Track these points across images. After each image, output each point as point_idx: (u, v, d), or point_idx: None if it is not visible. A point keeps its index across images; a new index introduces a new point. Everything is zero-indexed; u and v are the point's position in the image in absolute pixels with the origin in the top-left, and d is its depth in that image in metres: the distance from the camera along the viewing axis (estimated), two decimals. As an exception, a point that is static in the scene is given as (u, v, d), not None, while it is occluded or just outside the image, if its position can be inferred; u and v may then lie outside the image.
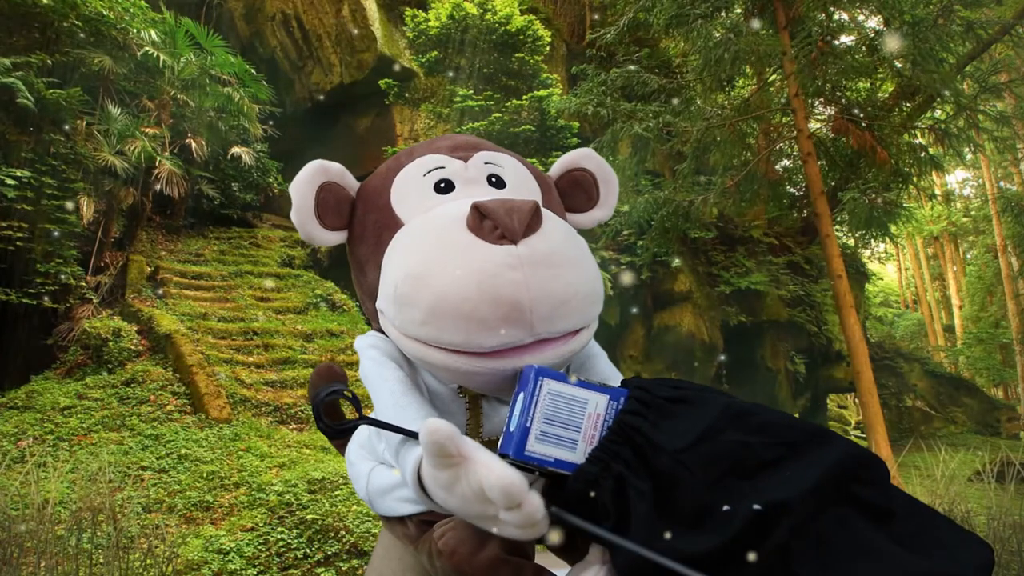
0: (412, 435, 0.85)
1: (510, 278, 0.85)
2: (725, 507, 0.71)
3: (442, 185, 1.03)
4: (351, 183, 1.09)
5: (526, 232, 0.87)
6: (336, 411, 1.29)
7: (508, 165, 1.09)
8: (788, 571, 0.68)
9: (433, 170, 1.04)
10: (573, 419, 0.83)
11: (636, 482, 0.76)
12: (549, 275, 0.87)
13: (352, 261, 1.11)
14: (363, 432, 1.14)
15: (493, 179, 1.06)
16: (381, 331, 1.05)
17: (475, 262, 0.85)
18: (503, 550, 0.83)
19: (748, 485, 0.73)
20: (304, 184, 1.02)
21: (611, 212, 1.21)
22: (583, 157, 1.18)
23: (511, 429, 0.84)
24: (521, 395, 0.85)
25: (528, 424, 0.83)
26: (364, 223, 1.05)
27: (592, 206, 1.19)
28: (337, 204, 1.05)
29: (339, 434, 0.91)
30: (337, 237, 1.06)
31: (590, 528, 0.76)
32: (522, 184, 1.08)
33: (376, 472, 1.06)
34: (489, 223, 0.87)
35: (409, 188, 1.04)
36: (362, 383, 1.03)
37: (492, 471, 0.74)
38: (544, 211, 0.92)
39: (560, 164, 1.20)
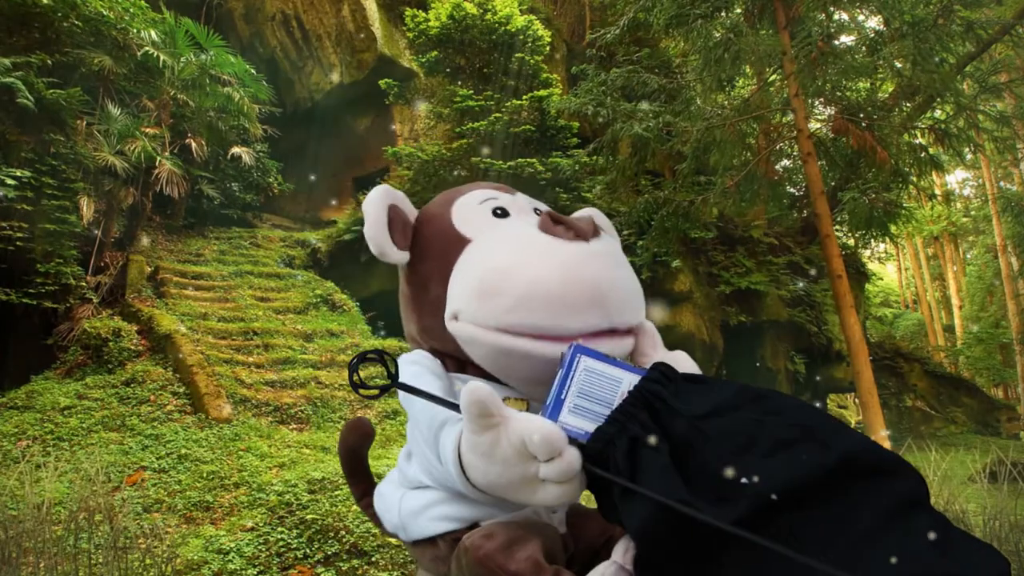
0: (451, 405, 0.90)
1: (592, 266, 0.97)
2: (743, 479, 0.71)
3: (498, 211, 1.14)
4: (411, 208, 1.18)
5: (593, 235, 1.01)
6: (361, 462, 1.39)
7: (544, 206, 1.25)
8: (792, 554, 0.67)
9: (487, 200, 1.16)
10: (607, 396, 0.87)
11: (652, 442, 0.78)
12: (616, 267, 1.01)
13: (410, 281, 1.18)
14: (393, 472, 1.21)
15: (537, 211, 1.18)
16: (422, 349, 1.16)
17: (559, 253, 0.96)
18: (539, 552, 0.88)
19: (763, 462, 0.73)
20: (377, 202, 1.10)
21: None
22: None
23: (548, 402, 0.89)
24: (560, 371, 0.89)
25: (563, 397, 0.87)
26: (428, 243, 1.14)
27: None
28: (403, 225, 1.14)
29: (375, 397, 0.96)
30: (404, 256, 1.13)
31: (616, 479, 0.78)
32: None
33: (407, 497, 1.12)
34: (562, 226, 1.00)
35: (470, 213, 1.14)
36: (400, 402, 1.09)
37: (531, 423, 0.80)
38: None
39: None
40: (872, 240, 11.12)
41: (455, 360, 1.11)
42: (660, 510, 0.71)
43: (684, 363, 1.05)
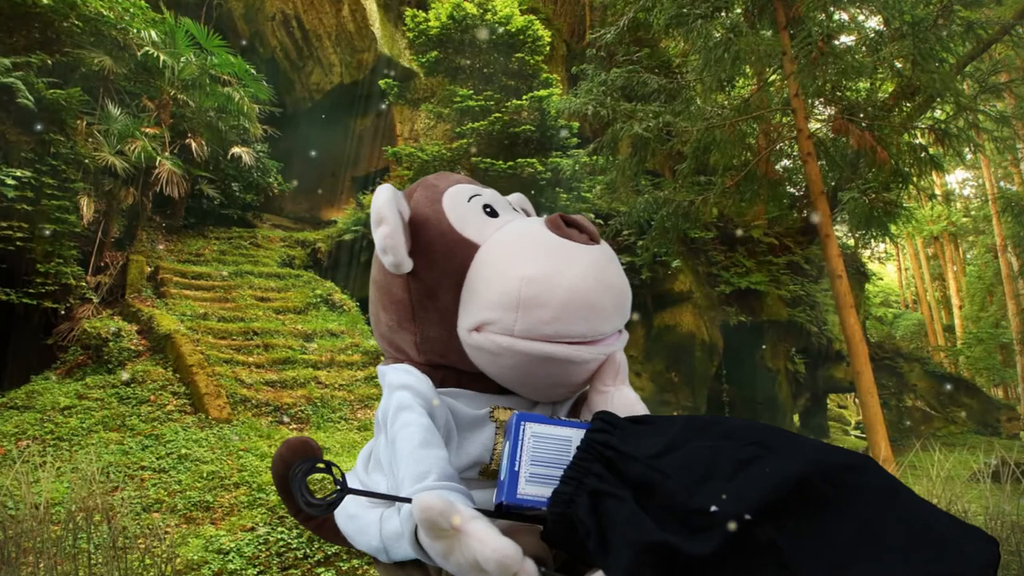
0: (406, 500, 0.84)
1: (612, 271, 1.00)
2: (712, 507, 0.70)
3: (488, 209, 1.10)
4: (407, 208, 1.08)
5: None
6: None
7: (506, 198, 1.22)
8: (784, 568, 0.67)
9: (473, 196, 1.11)
10: (561, 457, 0.86)
11: (613, 491, 0.76)
12: (622, 270, 1.04)
13: (413, 290, 1.08)
14: (357, 486, 1.09)
15: (511, 206, 1.17)
16: (412, 362, 1.08)
17: (585, 259, 0.97)
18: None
19: (728, 485, 0.72)
20: (390, 206, 1.01)
21: None
22: (524, 201, 1.28)
23: (502, 478, 0.87)
24: (507, 443, 0.87)
25: (517, 469, 0.85)
26: (430, 248, 1.06)
27: None
28: (406, 229, 1.05)
29: (324, 510, 0.87)
30: (411, 263, 1.04)
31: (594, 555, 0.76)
32: (519, 211, 1.21)
33: (387, 516, 1.02)
34: (575, 229, 1.00)
35: (463, 212, 1.08)
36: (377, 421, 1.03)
37: (486, 545, 0.75)
38: None
39: (514, 200, 1.29)
40: (872, 240, 11.11)
41: (453, 372, 1.07)
42: (641, 555, 0.70)
43: (633, 402, 1.03)
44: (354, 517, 1.10)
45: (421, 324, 1.09)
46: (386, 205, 1.00)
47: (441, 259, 1.05)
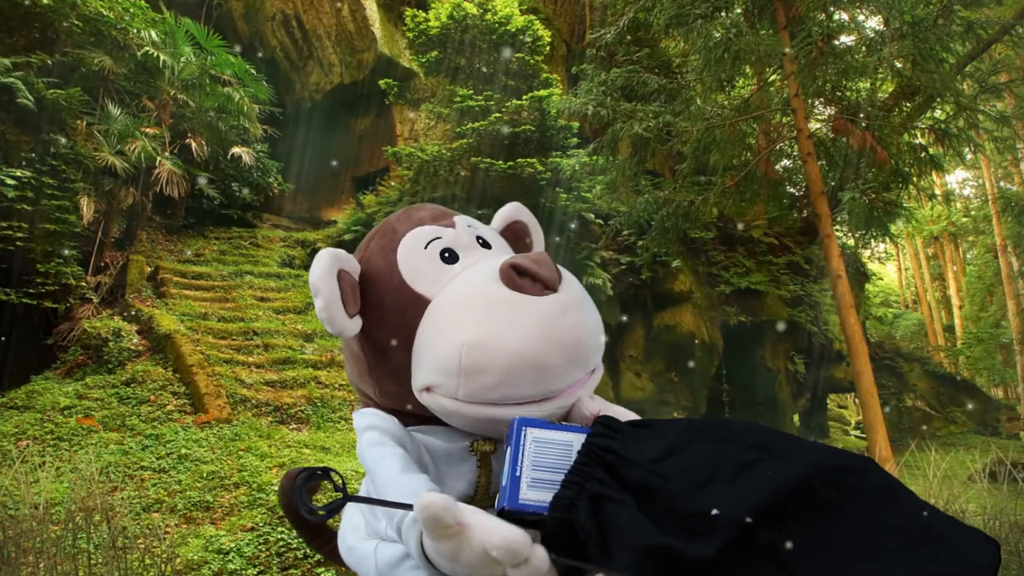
0: (407, 507, 0.85)
1: (567, 323, 0.93)
2: (713, 511, 0.70)
3: (446, 255, 1.06)
4: (355, 266, 1.06)
5: (559, 280, 0.95)
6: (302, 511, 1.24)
7: (481, 226, 1.16)
8: (785, 570, 0.67)
9: (431, 241, 1.07)
10: (562, 462, 0.86)
11: (614, 495, 0.76)
12: (588, 313, 0.98)
13: (366, 348, 1.08)
14: (355, 517, 1.10)
15: (480, 241, 1.11)
16: (378, 406, 1.08)
17: (533, 315, 0.91)
18: None
19: (729, 488, 0.72)
20: (327, 275, 0.99)
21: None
22: (517, 211, 1.26)
23: (504, 484, 0.87)
24: (509, 449, 0.87)
25: (518, 474, 0.85)
26: (380, 306, 1.04)
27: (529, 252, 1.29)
28: (352, 290, 1.03)
29: (326, 516, 0.87)
30: (356, 325, 1.03)
31: (589, 567, 0.76)
32: (498, 242, 1.15)
33: (381, 548, 1.03)
34: (527, 279, 0.93)
35: (417, 263, 1.04)
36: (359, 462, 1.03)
37: (493, 532, 0.75)
38: None
39: (501, 217, 1.26)
40: (872, 240, 11.12)
41: (417, 417, 1.05)
42: (642, 559, 0.70)
43: (623, 415, 1.02)
44: (352, 549, 1.10)
45: (377, 379, 1.09)
46: (320, 277, 0.98)
47: (391, 317, 1.03)
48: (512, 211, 1.26)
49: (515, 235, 1.26)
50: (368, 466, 0.98)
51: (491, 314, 0.92)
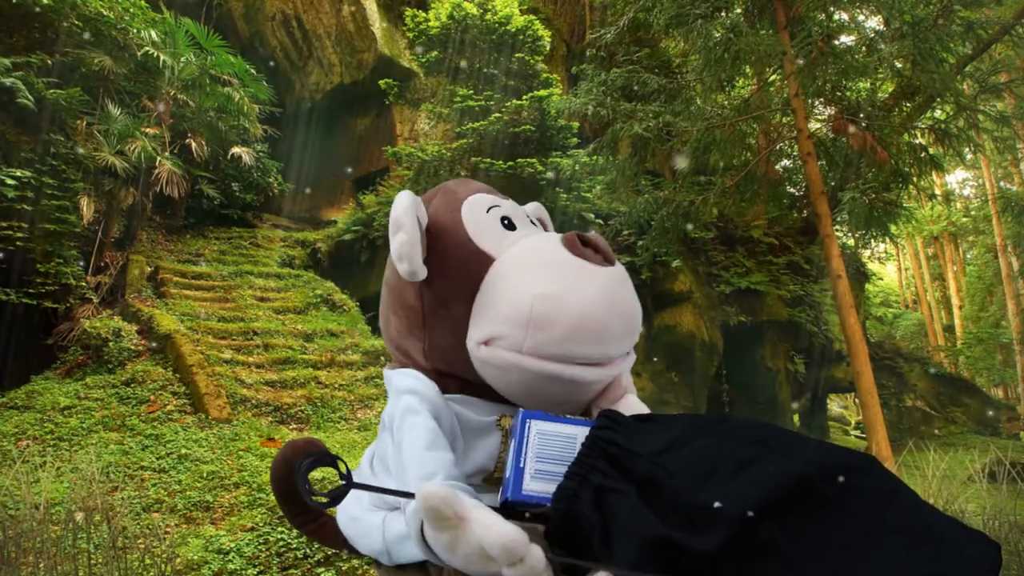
0: (409, 496, 0.85)
1: (624, 294, 1.00)
2: (716, 504, 0.70)
3: (506, 222, 1.10)
4: (424, 215, 1.07)
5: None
6: (297, 497, 1.22)
7: (524, 209, 1.22)
8: (785, 565, 0.67)
9: (492, 207, 1.11)
10: (566, 455, 0.86)
11: (617, 487, 0.76)
12: (634, 295, 1.04)
13: (423, 296, 1.07)
14: (368, 479, 1.11)
15: (529, 219, 1.17)
16: (419, 367, 1.08)
17: (597, 281, 0.97)
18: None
19: (731, 483, 0.72)
20: (410, 211, 1.00)
21: None
22: (539, 210, 1.30)
23: (507, 475, 0.87)
24: (513, 440, 0.88)
25: (522, 465, 0.86)
26: (445, 257, 1.05)
27: None
28: (423, 236, 1.05)
29: (330, 503, 0.86)
30: (424, 270, 1.04)
31: (589, 563, 0.76)
32: (537, 224, 1.21)
33: (391, 519, 1.03)
34: (590, 249, 1.00)
35: (481, 223, 1.08)
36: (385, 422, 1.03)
37: (490, 529, 0.76)
38: None
39: (531, 210, 1.30)
40: (872, 240, 11.11)
41: (459, 381, 1.06)
42: (645, 550, 0.70)
43: (637, 405, 1.05)
44: (356, 519, 1.10)
45: (431, 332, 1.09)
46: (405, 212, 1.00)
47: (456, 269, 1.05)
48: (536, 209, 1.30)
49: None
50: (396, 433, 0.97)
51: (560, 273, 0.97)
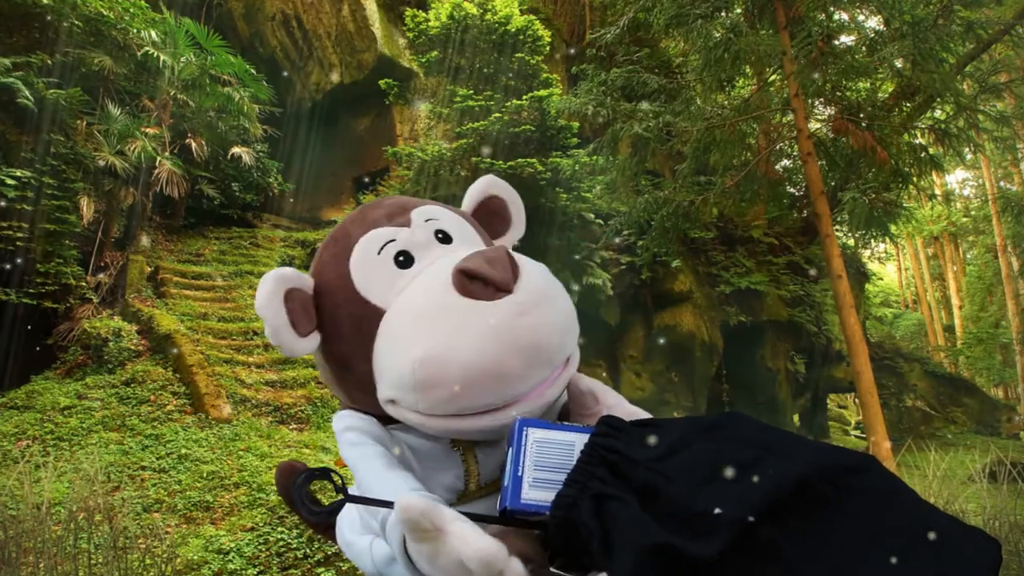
0: (389, 505, 0.84)
1: (524, 325, 0.88)
2: (716, 510, 0.70)
3: (401, 259, 1.02)
4: (307, 282, 1.03)
5: (514, 277, 0.90)
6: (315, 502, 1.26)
7: (443, 216, 1.10)
8: (786, 568, 0.67)
9: (385, 245, 1.03)
10: (564, 462, 0.85)
11: (616, 494, 0.76)
12: (549, 309, 0.92)
13: (329, 360, 1.06)
14: (352, 512, 1.09)
15: (440, 235, 1.07)
16: (357, 409, 1.06)
17: (487, 322, 0.87)
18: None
19: (731, 487, 0.72)
20: (272, 299, 0.96)
21: (523, 230, 1.24)
22: (491, 184, 1.19)
23: (506, 483, 0.87)
24: (510, 449, 0.87)
25: (520, 474, 0.85)
26: (336, 320, 1.01)
27: (507, 229, 1.22)
28: (304, 309, 1.00)
29: (327, 516, 0.87)
30: (312, 343, 1.01)
31: None
32: (462, 231, 1.10)
33: (377, 544, 1.02)
34: (479, 283, 0.89)
35: (370, 271, 1.01)
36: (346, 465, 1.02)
37: (468, 544, 0.74)
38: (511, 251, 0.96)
39: (472, 196, 1.20)
40: (872, 240, 11.12)
41: (392, 420, 1.03)
42: (645, 557, 0.70)
43: (633, 414, 1.01)
44: (350, 544, 1.09)
45: (346, 390, 1.07)
46: (265, 303, 0.95)
47: (349, 331, 1.00)
48: (484, 186, 1.19)
49: (490, 213, 1.21)
50: (353, 467, 0.97)
51: (440, 325, 0.89)
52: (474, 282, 0.89)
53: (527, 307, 0.89)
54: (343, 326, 1.00)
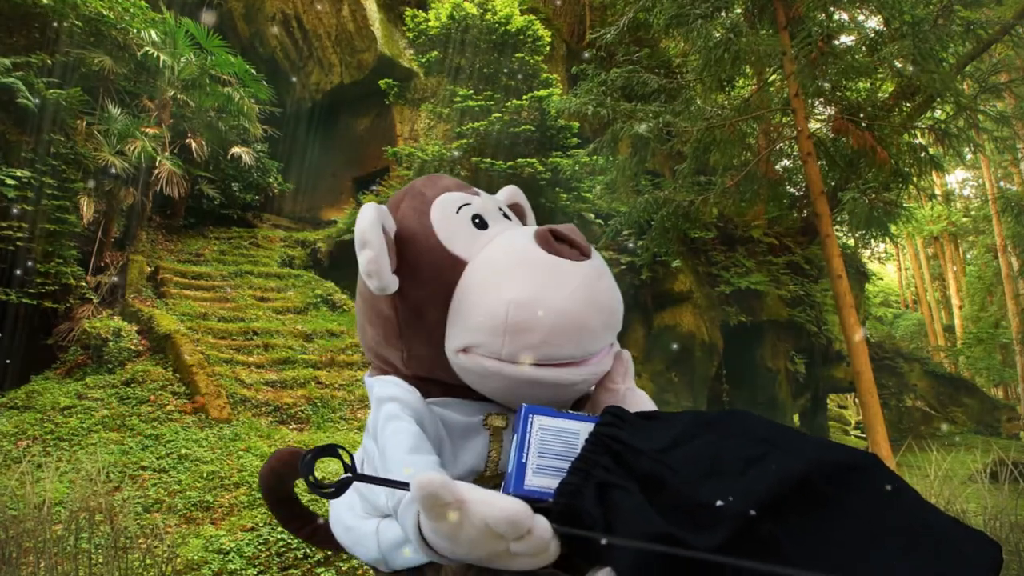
0: (404, 487, 0.84)
1: (603, 288, 0.97)
2: (718, 502, 0.70)
3: (477, 220, 1.08)
4: (392, 224, 1.05)
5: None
6: (295, 500, 1.27)
7: (501, 200, 1.21)
8: (785, 563, 0.67)
9: (462, 206, 1.09)
10: (568, 450, 0.86)
11: (620, 483, 0.76)
12: (614, 285, 1.02)
13: (399, 307, 1.05)
14: (351, 496, 1.08)
15: (502, 212, 1.14)
16: (400, 374, 1.07)
17: (573, 278, 0.94)
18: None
19: (734, 481, 0.72)
20: (376, 226, 0.98)
21: None
22: (516, 193, 1.29)
23: (509, 469, 0.87)
24: (516, 435, 0.88)
25: (524, 460, 0.86)
26: (417, 264, 1.03)
27: None
28: (391, 248, 1.02)
29: (334, 494, 0.86)
30: (396, 282, 1.01)
31: (595, 535, 0.76)
32: (511, 216, 1.18)
33: (384, 526, 1.03)
34: (565, 244, 0.97)
35: (452, 226, 1.05)
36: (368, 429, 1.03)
37: (493, 505, 0.75)
38: None
39: (504, 196, 1.28)
40: (872, 240, 11.11)
41: (441, 385, 1.05)
42: (645, 549, 0.70)
43: (644, 402, 1.04)
44: (351, 529, 1.09)
45: (408, 341, 1.06)
46: (370, 228, 0.97)
47: (429, 277, 1.02)
48: (512, 192, 1.29)
49: (515, 215, 1.28)
50: (380, 440, 0.97)
51: (535, 275, 0.94)
52: (560, 243, 0.97)
53: (602, 275, 0.99)
54: (424, 272, 1.03)
